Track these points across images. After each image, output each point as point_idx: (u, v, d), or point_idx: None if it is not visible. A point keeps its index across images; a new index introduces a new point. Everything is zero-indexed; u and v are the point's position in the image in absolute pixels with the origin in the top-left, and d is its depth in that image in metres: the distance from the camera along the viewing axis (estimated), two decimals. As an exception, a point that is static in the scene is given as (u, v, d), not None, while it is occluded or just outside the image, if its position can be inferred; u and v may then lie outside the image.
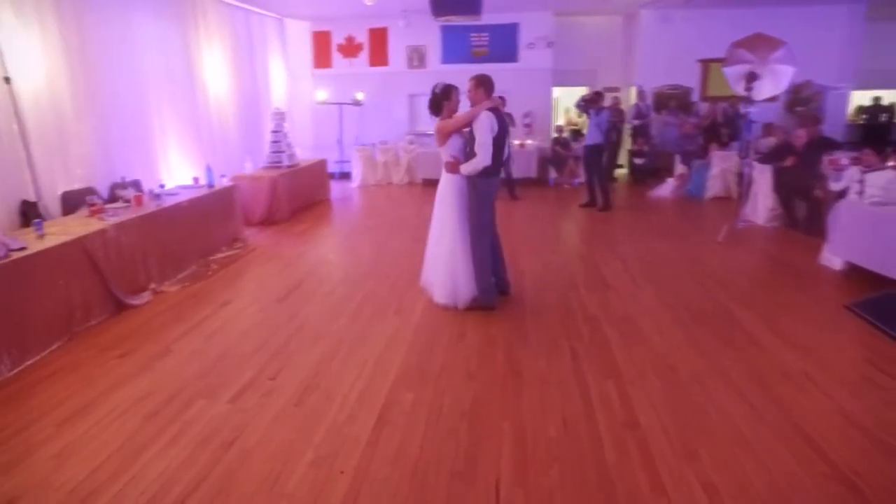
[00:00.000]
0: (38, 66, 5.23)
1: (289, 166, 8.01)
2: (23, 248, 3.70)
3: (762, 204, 6.95)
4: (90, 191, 5.63)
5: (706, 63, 10.33)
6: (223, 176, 6.50)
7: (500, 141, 4.14)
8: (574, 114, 11.62)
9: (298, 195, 8.06)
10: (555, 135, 10.11)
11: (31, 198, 5.19)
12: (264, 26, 10.01)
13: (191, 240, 5.47)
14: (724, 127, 9.09)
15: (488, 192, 4.22)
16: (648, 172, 9.89)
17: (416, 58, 11.05)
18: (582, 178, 8.97)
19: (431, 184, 9.98)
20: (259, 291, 4.92)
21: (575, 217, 7.66)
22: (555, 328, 3.99)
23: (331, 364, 3.52)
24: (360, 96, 10.78)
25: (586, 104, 7.82)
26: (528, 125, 10.87)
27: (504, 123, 4.21)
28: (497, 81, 10.45)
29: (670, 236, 6.48)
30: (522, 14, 10.50)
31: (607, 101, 9.91)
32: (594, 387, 3.19)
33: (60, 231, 4.22)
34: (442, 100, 4.35)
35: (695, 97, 10.49)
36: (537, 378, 3.30)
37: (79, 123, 5.73)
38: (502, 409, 2.99)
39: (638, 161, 10.00)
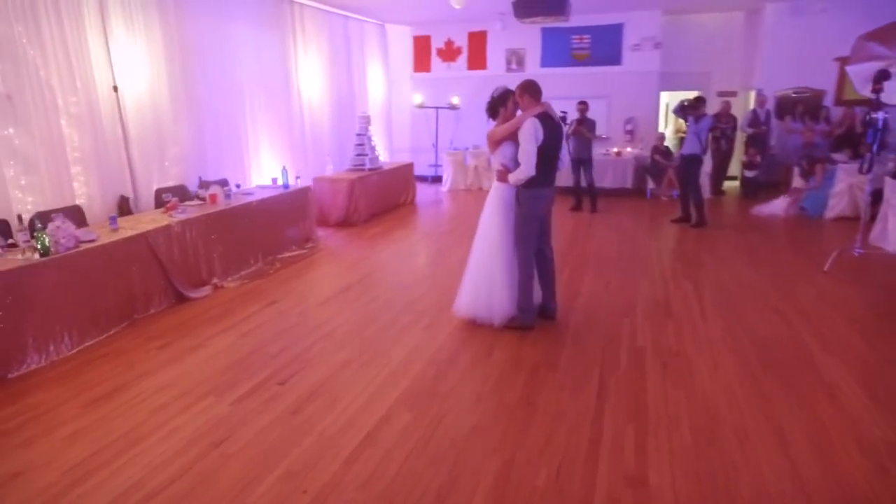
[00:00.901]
0: (141, 75, 5.79)
1: (370, 169, 8.18)
2: (92, 241, 4.08)
3: (894, 227, 5.86)
4: (182, 188, 6.15)
5: (845, 62, 8.98)
6: (298, 177, 6.77)
7: (548, 150, 3.85)
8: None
9: (379, 198, 8.21)
10: (655, 143, 9.34)
11: (129, 194, 5.78)
12: (364, 32, 10.35)
13: (258, 238, 5.75)
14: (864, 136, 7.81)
15: (533, 204, 3.94)
16: (761, 186, 8.81)
17: (515, 61, 10.82)
18: (681, 190, 8.21)
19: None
20: (307, 293, 5.03)
21: (661, 233, 7.00)
22: (591, 357, 3.62)
23: (343, 374, 3.47)
24: (455, 100, 10.78)
25: (684, 110, 7.12)
26: (629, 132, 10.21)
27: (554, 131, 3.89)
28: (598, 85, 10.14)
29: (765, 261, 5.68)
30: (628, 14, 9.86)
31: (716, 106, 9.03)
32: (610, 430, 2.82)
33: (132, 226, 4.61)
34: (498, 104, 4.15)
35: (828, 101, 9.16)
36: (551, 411, 3.00)
37: (175, 126, 6.27)
38: (499, 443, 2.74)
39: (749, 173, 8.95)
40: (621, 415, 2.95)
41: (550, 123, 3.85)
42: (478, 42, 10.98)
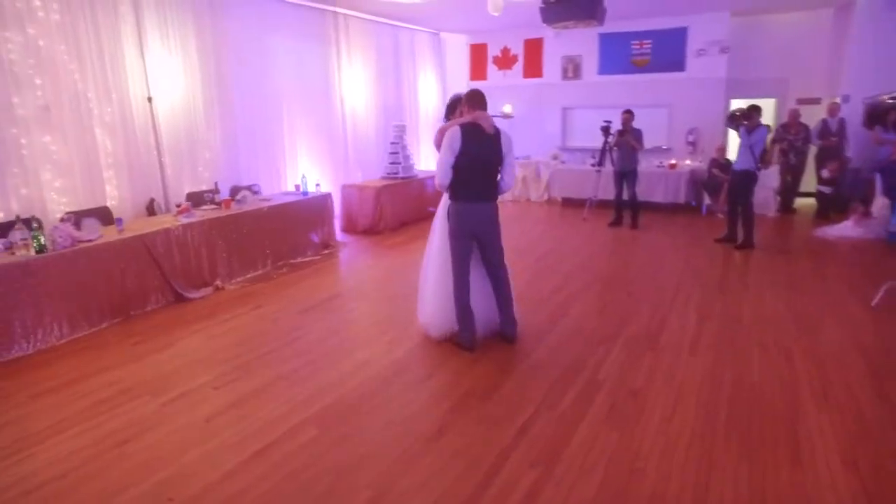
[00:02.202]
0: (175, 85, 6.22)
1: (403, 178, 8.21)
2: (90, 241, 4.41)
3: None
4: (212, 191, 6.51)
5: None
6: (318, 184, 6.93)
7: (470, 162, 3.61)
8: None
9: (409, 206, 8.21)
10: (714, 155, 8.56)
11: (159, 197, 6.21)
12: (415, 41, 10.44)
13: (268, 242, 5.94)
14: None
15: (458, 220, 3.74)
16: (838, 204, 7.77)
17: (572, 68, 10.42)
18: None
19: (571, 203, 9.40)
20: (296, 299, 5.10)
21: (698, 253, 6.37)
22: (535, 390, 3.34)
23: (278, 383, 3.47)
24: (507, 109, 10.55)
25: (734, 119, 6.47)
26: (691, 143, 9.45)
27: (481, 143, 3.62)
28: (659, 93, 9.65)
29: (804, 291, 4.98)
30: (693, 17, 9.14)
31: (793, 116, 8.13)
32: (509, 473, 2.57)
33: (139, 228, 4.94)
34: (448, 112, 4.08)
35: (931, 110, 7.90)
36: (455, 446, 2.79)
37: (208, 133, 6.66)
38: (380, 474, 2.58)
39: (824, 189, 7.93)
40: (531, 457, 2.68)
41: (478, 135, 3.60)
42: (534, 49, 10.69)
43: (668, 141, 9.72)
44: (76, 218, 5.03)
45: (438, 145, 3.74)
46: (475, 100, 3.75)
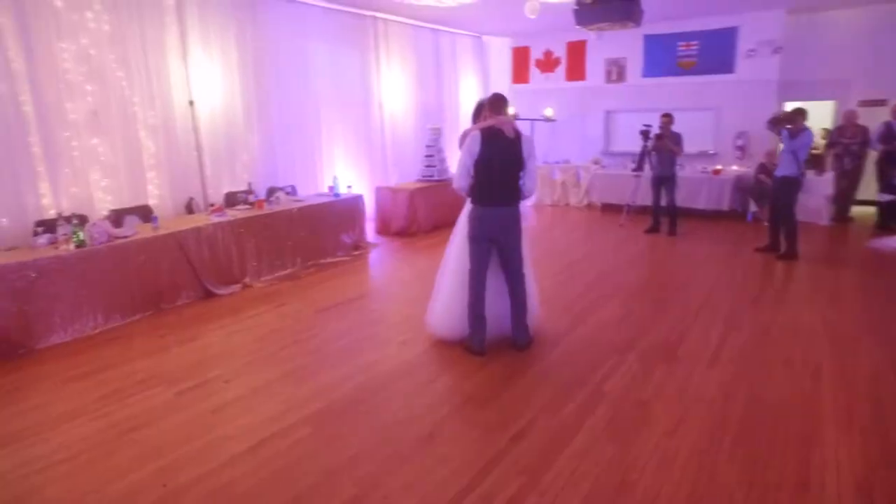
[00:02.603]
0: (216, 90, 6.49)
1: (438, 181, 8.25)
2: (125, 237, 4.67)
3: None
4: (248, 192, 6.75)
5: None
6: (350, 186, 7.05)
7: (488, 166, 3.62)
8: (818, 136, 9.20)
9: (444, 209, 8.20)
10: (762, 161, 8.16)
11: (199, 196, 6.49)
12: (456, 44, 10.47)
13: (298, 242, 6.10)
14: None
15: (476, 224, 3.75)
16: (897, 215, 7.26)
17: (615, 71, 10.19)
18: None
19: (610, 209, 9.18)
20: (318, 299, 5.19)
21: (736, 263, 6.08)
22: (538, 396, 3.28)
23: (285, 380, 3.55)
24: (548, 112, 10.44)
25: (776, 123, 6.15)
26: (740, 148, 9.05)
27: (500, 147, 3.60)
28: (706, 96, 9.52)
29: (846, 306, 4.67)
30: (745, 15, 8.75)
31: (848, 118, 7.67)
32: (494, 480, 2.54)
33: (173, 226, 5.18)
34: (475, 117, 4.05)
35: None
36: (445, 450, 2.78)
37: (247, 135, 6.92)
38: (366, 475, 2.60)
39: (885, 198, 7.41)
40: (520, 466, 2.64)
41: (496, 139, 3.59)
42: (577, 52, 10.52)
43: (715, 145, 9.34)
44: (118, 215, 5.36)
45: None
46: (497, 104, 3.75)
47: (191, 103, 6.28)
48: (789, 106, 9.11)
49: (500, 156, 3.62)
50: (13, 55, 4.89)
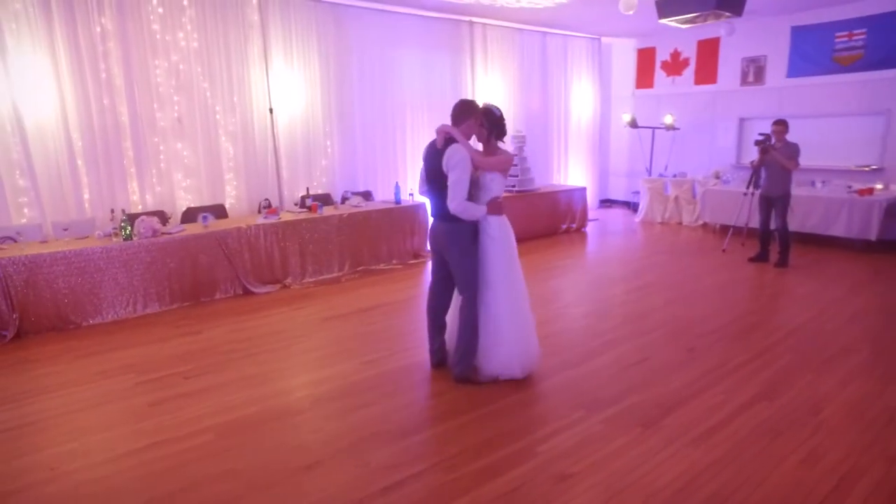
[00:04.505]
0: (296, 98, 6.91)
1: (518, 192, 7.81)
2: (169, 234, 5.16)
3: None
4: (326, 196, 7.08)
5: None
6: (411, 194, 6.97)
7: (423, 177, 3.59)
8: None
9: (524, 222, 7.75)
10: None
11: (275, 198, 6.96)
12: (568, 48, 9.84)
13: (346, 247, 6.20)
14: None
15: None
16: None
17: (753, 71, 8.74)
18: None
19: (727, 231, 7.87)
20: (337, 306, 5.19)
21: (842, 310, 4.74)
22: (456, 443, 2.86)
23: (238, 385, 3.59)
24: (668, 120, 9.31)
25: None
26: (913, 163, 7.15)
27: (428, 158, 3.47)
28: (872, 97, 9.21)
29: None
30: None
31: None
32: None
33: (223, 225, 5.60)
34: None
35: None
36: (320, 482, 2.55)
37: (325, 141, 7.25)
38: (226, 491, 2.50)
39: None
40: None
41: (430, 150, 3.45)
42: (708, 51, 9.22)
43: (882, 159, 7.50)
44: (193, 213, 5.94)
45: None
46: (452, 113, 3.44)
47: (270, 111, 6.75)
48: None
49: (427, 167, 3.46)
50: (115, 73, 5.70)
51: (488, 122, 3.52)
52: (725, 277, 5.85)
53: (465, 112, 3.44)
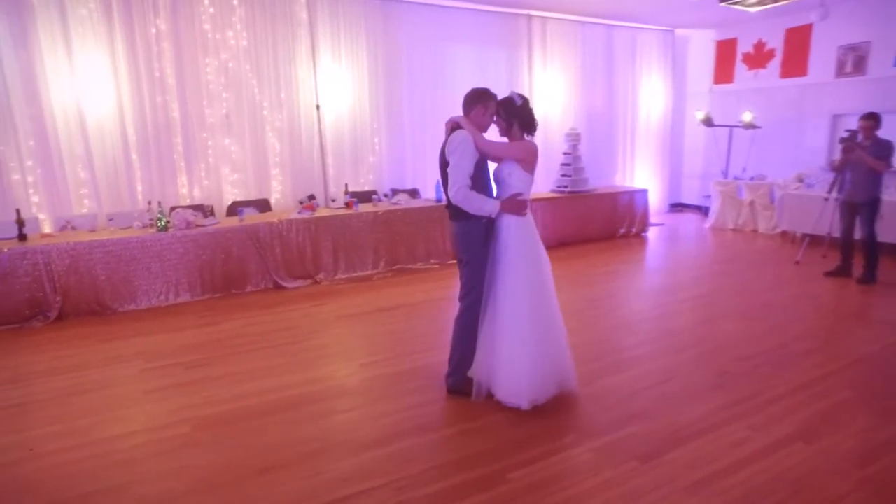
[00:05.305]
0: (343, 95, 6.93)
1: (570, 192, 7.39)
2: (203, 226, 5.30)
3: None
4: (372, 192, 7.05)
5: None
6: (451, 193, 6.74)
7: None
8: None
9: (575, 225, 7.36)
10: None
11: (319, 194, 7.02)
12: (639, 40, 9.21)
13: (381, 245, 6.11)
14: None
15: None
16: None
17: (852, 61, 7.73)
18: None
19: (812, 241, 7.01)
20: (357, 303, 5.09)
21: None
22: (419, 464, 2.64)
23: (234, 378, 3.57)
24: (747, 117, 8.46)
25: None
26: None
27: (442, 149, 3.17)
28: None
29: None
30: None
31: None
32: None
33: (257, 219, 5.69)
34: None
35: None
36: (270, 489, 2.44)
37: (373, 138, 7.22)
38: (164, 490, 2.45)
39: None
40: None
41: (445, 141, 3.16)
42: (798, 40, 8.27)
43: None
44: (238, 207, 6.10)
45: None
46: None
47: (317, 107, 6.82)
48: None
49: (439, 164, 3.17)
50: (168, 72, 5.97)
51: (505, 113, 3.20)
52: (792, 293, 5.16)
53: (474, 99, 3.19)
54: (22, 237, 4.85)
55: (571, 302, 4.94)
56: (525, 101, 3.24)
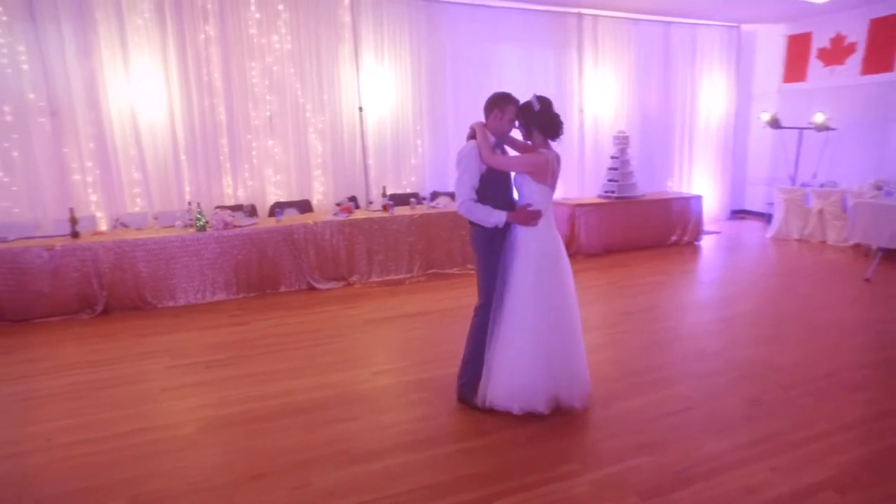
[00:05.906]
0: (386, 97, 6.97)
1: (617, 198, 7.08)
2: (240, 227, 5.45)
3: None
4: (414, 194, 7.05)
5: None
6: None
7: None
8: None
9: (625, 231, 7.05)
10: None
11: (361, 196, 7.08)
12: (699, 37, 8.71)
13: (416, 248, 6.05)
14: None
15: None
16: None
17: (944, 56, 6.96)
18: None
19: (889, 256, 6.39)
20: (385, 307, 5.07)
21: None
22: (404, 483, 2.58)
23: (253, 378, 3.63)
24: (819, 119, 7.80)
25: None
26: None
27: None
28: None
29: None
30: None
31: None
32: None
33: (293, 220, 5.79)
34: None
35: None
36: (250, 498, 2.45)
37: (415, 140, 7.21)
38: (153, 490, 2.50)
39: None
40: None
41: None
42: (883, 32, 7.55)
43: None
44: (280, 207, 6.24)
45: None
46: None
47: (360, 109, 6.88)
48: None
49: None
50: (216, 77, 6.20)
51: (524, 118, 3.09)
52: (855, 314, 4.69)
53: (490, 104, 3.09)
54: (74, 234, 5.16)
55: (603, 315, 4.72)
56: (546, 105, 3.10)
